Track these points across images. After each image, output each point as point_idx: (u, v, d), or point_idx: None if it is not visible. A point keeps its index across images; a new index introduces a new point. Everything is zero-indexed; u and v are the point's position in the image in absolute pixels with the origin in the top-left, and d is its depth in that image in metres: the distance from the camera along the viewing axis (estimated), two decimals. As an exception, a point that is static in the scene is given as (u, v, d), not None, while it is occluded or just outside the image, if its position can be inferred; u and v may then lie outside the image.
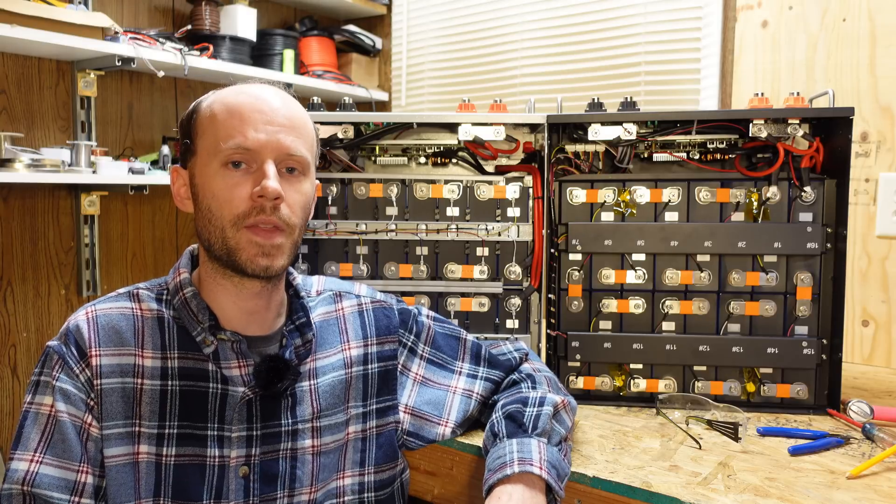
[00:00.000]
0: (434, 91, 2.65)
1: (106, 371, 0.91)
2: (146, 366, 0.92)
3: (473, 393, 1.10)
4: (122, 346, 0.92)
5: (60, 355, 0.90)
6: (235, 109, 0.92)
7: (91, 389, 0.90)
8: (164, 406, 0.92)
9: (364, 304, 1.11)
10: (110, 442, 0.89)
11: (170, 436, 0.91)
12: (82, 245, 2.17)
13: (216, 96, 0.96)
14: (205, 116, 0.95)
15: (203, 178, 0.93)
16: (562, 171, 1.35)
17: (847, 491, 0.94)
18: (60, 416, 0.88)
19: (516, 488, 0.89)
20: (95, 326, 0.92)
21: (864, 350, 1.73)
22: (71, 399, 0.89)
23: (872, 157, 1.70)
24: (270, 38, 2.53)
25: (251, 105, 0.93)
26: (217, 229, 0.92)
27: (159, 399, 0.92)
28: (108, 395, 0.90)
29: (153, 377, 0.92)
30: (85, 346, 0.91)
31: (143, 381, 0.92)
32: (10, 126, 2.02)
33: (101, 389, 0.90)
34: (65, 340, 0.91)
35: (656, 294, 1.31)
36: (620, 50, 2.21)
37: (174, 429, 0.91)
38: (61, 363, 0.90)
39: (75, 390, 0.89)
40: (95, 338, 0.92)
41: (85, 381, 0.90)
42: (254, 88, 0.96)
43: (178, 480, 0.90)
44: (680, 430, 1.17)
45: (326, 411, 1.00)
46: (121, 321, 0.94)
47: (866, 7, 1.71)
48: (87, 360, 0.90)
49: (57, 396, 0.89)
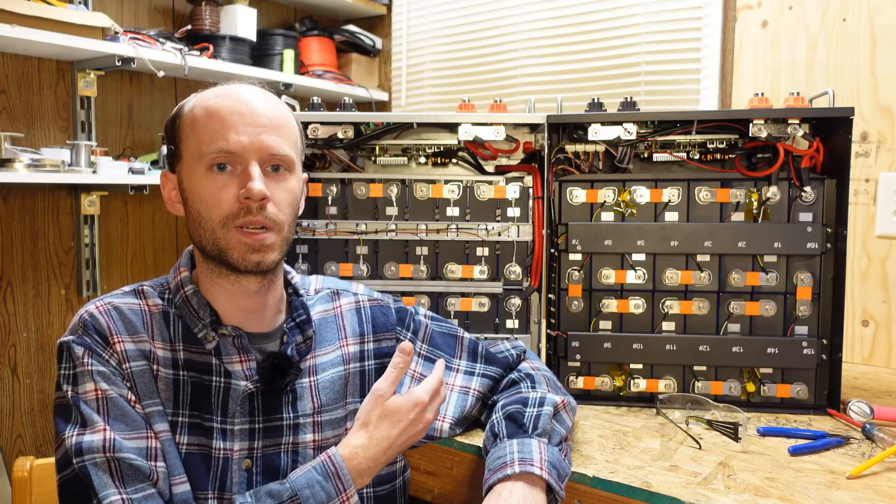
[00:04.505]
0: (434, 91, 2.65)
1: (132, 355, 0.91)
2: (159, 355, 0.93)
3: (471, 389, 1.11)
4: (137, 333, 0.93)
5: (85, 346, 0.90)
6: (216, 113, 0.93)
7: (123, 372, 0.90)
8: (178, 394, 0.93)
9: (361, 301, 1.12)
10: (153, 419, 0.90)
11: (182, 424, 0.92)
12: (82, 245, 2.17)
13: (197, 100, 0.97)
14: (187, 121, 0.95)
15: (190, 182, 0.94)
16: (562, 171, 1.35)
17: (847, 491, 0.94)
18: (109, 393, 0.88)
19: (516, 486, 0.89)
20: (110, 316, 0.93)
21: (864, 350, 1.73)
22: (110, 380, 0.89)
23: (872, 157, 1.70)
24: (270, 38, 2.53)
25: (231, 108, 0.93)
26: (207, 231, 0.93)
27: (172, 387, 0.93)
28: (139, 376, 0.91)
29: (166, 366, 0.93)
30: (106, 332, 0.91)
31: (159, 367, 0.93)
32: (10, 126, 2.02)
33: (132, 371, 0.90)
34: (84, 331, 0.91)
35: (656, 294, 1.31)
36: (620, 50, 2.21)
37: (186, 417, 0.93)
38: (88, 352, 0.90)
39: (111, 372, 0.89)
40: (114, 325, 0.92)
41: (116, 364, 0.90)
42: (234, 89, 0.96)
43: (188, 468, 0.91)
44: (680, 430, 1.17)
45: (327, 406, 1.01)
46: (130, 314, 0.95)
47: (866, 7, 1.71)
48: (112, 346, 0.90)
49: (97, 379, 0.88)
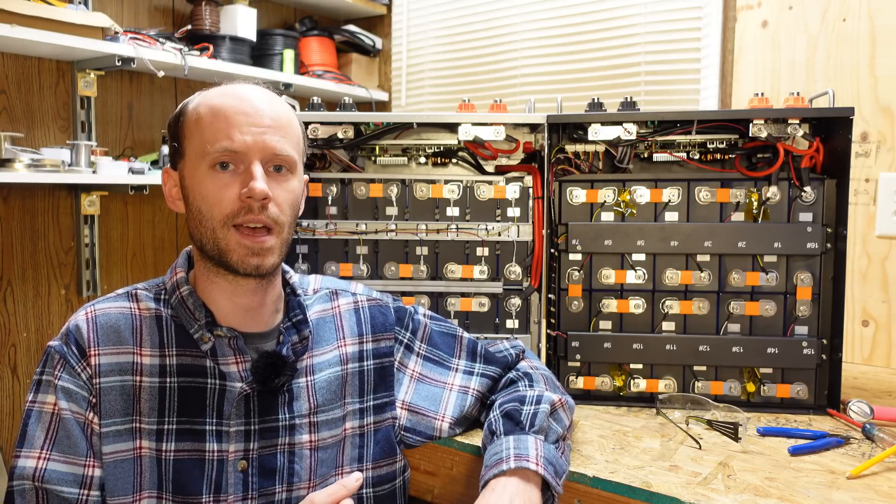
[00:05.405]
0: (434, 91, 2.65)
1: (105, 370, 0.92)
2: (144, 364, 0.94)
3: (470, 389, 1.11)
4: (121, 344, 0.94)
5: (62, 355, 0.92)
6: (220, 112, 0.93)
7: (91, 387, 0.91)
8: (163, 402, 0.93)
9: (360, 301, 1.12)
10: (108, 439, 0.91)
11: (169, 431, 0.92)
12: (82, 245, 2.17)
13: (201, 98, 0.97)
14: (191, 119, 0.96)
15: (192, 180, 0.95)
16: (562, 171, 1.35)
17: (847, 491, 0.94)
18: (64, 413, 0.90)
19: (510, 481, 0.89)
20: (94, 326, 0.94)
21: (864, 350, 1.73)
22: (73, 397, 0.91)
23: (872, 157, 1.70)
24: (270, 38, 2.53)
25: (235, 107, 0.94)
26: (208, 230, 0.93)
27: (158, 396, 0.93)
28: (107, 392, 0.92)
29: (152, 375, 0.93)
30: (85, 345, 0.92)
31: (142, 378, 0.93)
32: (10, 126, 2.02)
33: (101, 388, 0.91)
34: (66, 340, 0.93)
35: (656, 294, 1.31)
36: (620, 50, 2.21)
37: (173, 424, 0.93)
38: (63, 362, 0.92)
39: (77, 388, 0.91)
40: (94, 337, 0.93)
41: (86, 379, 0.91)
42: (238, 89, 0.96)
43: (178, 475, 0.91)
44: (680, 430, 1.17)
45: (323, 407, 1.01)
46: (119, 320, 0.95)
47: (866, 7, 1.71)
48: (87, 360, 0.92)
49: (59, 395, 0.90)
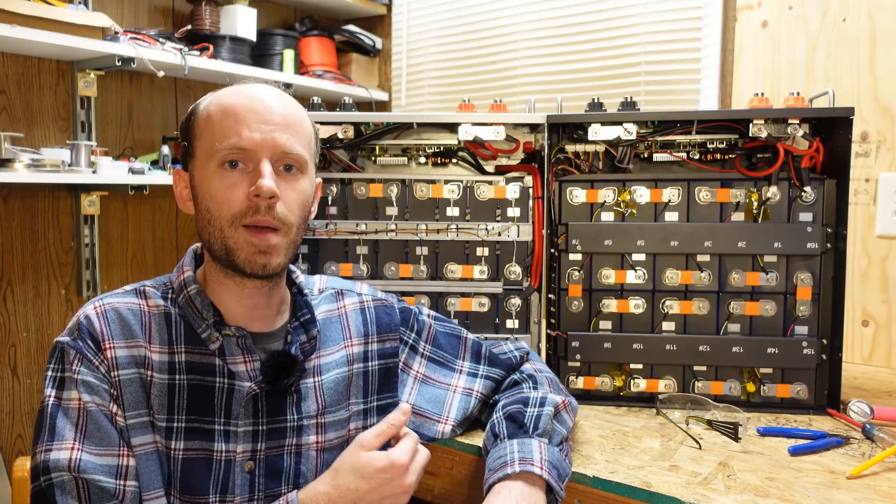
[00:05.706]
0: (434, 91, 2.65)
1: (122, 362, 0.91)
2: (154, 360, 0.92)
3: (474, 391, 1.11)
4: (133, 338, 0.93)
5: (77, 350, 0.90)
6: (230, 110, 0.93)
7: (111, 380, 0.90)
8: (173, 400, 0.92)
9: (365, 301, 1.11)
10: (135, 431, 0.89)
11: (178, 429, 0.91)
12: (82, 245, 2.17)
13: (212, 97, 0.97)
14: (202, 118, 0.95)
15: (201, 179, 0.94)
16: (562, 171, 1.35)
17: (847, 491, 0.94)
18: (89, 406, 0.88)
19: (516, 485, 0.89)
20: (106, 319, 0.92)
21: (864, 350, 1.73)
22: (95, 390, 0.89)
23: (872, 157, 1.70)
24: (270, 38, 2.52)
25: (245, 105, 0.93)
26: (216, 230, 0.93)
27: (167, 393, 0.92)
28: (127, 385, 0.90)
29: (161, 371, 0.92)
30: (99, 338, 0.91)
31: (153, 374, 0.92)
32: (10, 126, 2.02)
33: (120, 380, 0.90)
34: (79, 335, 0.91)
35: (656, 294, 1.31)
36: (620, 50, 2.21)
37: (182, 422, 0.92)
38: (79, 357, 0.89)
39: (97, 381, 0.89)
40: (108, 330, 0.92)
41: (105, 371, 0.90)
42: (249, 88, 0.96)
43: (186, 474, 0.90)
44: (680, 430, 1.17)
45: (331, 407, 1.00)
46: (129, 315, 0.94)
47: (866, 7, 1.71)
48: (104, 353, 0.90)
49: (81, 389, 0.88)
